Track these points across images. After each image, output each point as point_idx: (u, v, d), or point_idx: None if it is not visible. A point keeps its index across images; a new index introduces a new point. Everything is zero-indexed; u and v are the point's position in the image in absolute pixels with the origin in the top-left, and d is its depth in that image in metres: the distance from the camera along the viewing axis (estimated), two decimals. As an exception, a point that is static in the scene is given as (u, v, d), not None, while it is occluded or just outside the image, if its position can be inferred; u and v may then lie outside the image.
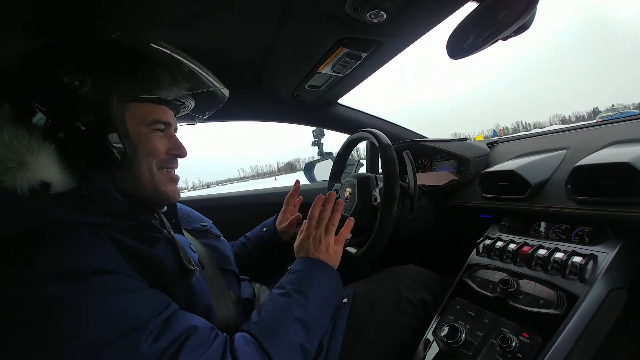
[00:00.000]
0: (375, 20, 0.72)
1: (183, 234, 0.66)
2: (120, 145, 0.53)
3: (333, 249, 0.69)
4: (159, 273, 0.50)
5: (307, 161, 1.88)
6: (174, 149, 0.62)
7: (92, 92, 0.51)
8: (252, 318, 0.57)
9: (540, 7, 0.59)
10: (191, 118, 0.79)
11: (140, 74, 0.58)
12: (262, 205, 1.51)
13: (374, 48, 0.85)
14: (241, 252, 0.96)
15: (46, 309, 0.39)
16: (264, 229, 0.98)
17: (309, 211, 0.73)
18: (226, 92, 0.75)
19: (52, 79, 0.50)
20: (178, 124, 0.69)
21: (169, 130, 0.63)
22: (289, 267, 0.69)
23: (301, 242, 0.71)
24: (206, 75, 0.67)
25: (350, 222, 0.75)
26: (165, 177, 0.61)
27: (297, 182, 1.04)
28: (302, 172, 1.91)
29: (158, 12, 0.72)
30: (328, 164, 1.51)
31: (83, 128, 0.51)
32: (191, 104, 0.71)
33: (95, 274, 0.42)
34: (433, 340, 0.67)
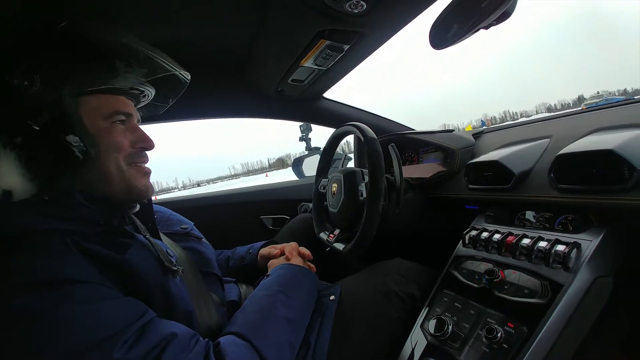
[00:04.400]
0: (355, 11, 0.71)
1: (160, 238, 0.63)
2: (81, 144, 0.50)
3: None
4: (133, 279, 0.48)
5: (297, 156, 1.87)
6: (139, 142, 0.58)
7: (43, 90, 0.48)
8: (236, 319, 0.57)
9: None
10: (154, 107, 0.74)
11: (89, 64, 0.54)
12: (248, 203, 1.49)
13: (355, 40, 0.84)
14: (222, 266, 0.93)
15: (16, 322, 0.37)
16: (250, 251, 0.94)
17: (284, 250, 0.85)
18: (187, 75, 0.70)
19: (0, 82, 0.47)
20: (142, 115, 0.66)
21: (130, 122, 0.58)
22: (267, 273, 0.70)
23: (278, 260, 0.81)
24: (162, 59, 0.63)
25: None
26: (136, 171, 0.58)
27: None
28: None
29: (135, 7, 0.70)
30: (316, 159, 1.50)
31: (39, 129, 0.48)
32: (151, 92, 0.66)
33: (65, 284, 0.40)
34: (421, 334, 0.67)
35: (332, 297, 0.73)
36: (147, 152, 0.61)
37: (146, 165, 0.61)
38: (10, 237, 0.42)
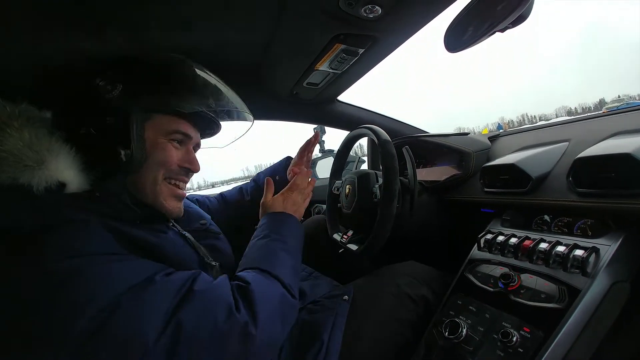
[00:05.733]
0: (370, 16, 0.72)
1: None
2: (128, 150, 0.55)
3: (299, 209, 0.79)
4: (161, 262, 0.51)
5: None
6: (186, 162, 0.64)
7: (119, 97, 0.55)
8: (241, 263, 0.62)
9: (542, -1, 0.58)
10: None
11: (167, 90, 0.61)
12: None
13: (370, 44, 0.85)
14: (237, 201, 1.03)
15: (59, 280, 0.40)
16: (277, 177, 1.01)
17: (295, 180, 0.82)
18: (250, 118, 0.79)
19: (87, 82, 0.55)
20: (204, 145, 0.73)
21: (186, 143, 0.64)
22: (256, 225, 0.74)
23: (274, 200, 0.79)
24: (230, 98, 0.71)
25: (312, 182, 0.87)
26: (168, 190, 0.62)
27: (317, 133, 1.08)
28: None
29: (154, 12, 0.73)
30: (330, 161, 1.51)
31: (101, 130, 0.54)
32: (217, 129, 0.74)
33: (99, 254, 0.44)
34: (434, 336, 0.66)
35: (345, 297, 0.74)
36: (191, 174, 0.67)
37: (183, 187, 0.66)
38: (54, 225, 0.45)
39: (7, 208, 0.45)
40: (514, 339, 0.55)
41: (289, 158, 1.08)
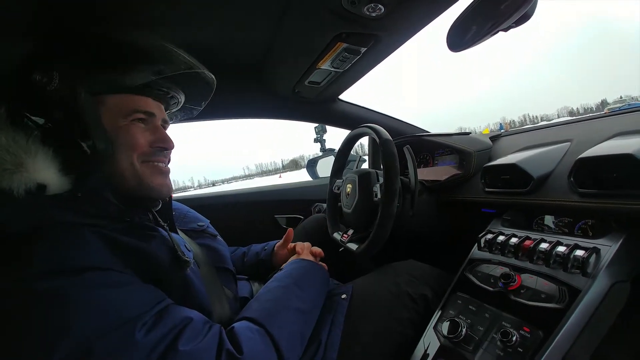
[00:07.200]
0: (373, 14, 0.72)
1: (178, 234, 0.65)
2: (90, 141, 0.51)
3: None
4: (155, 269, 0.50)
5: (312, 157, 1.88)
6: (158, 142, 0.59)
7: (60, 87, 0.50)
8: (251, 306, 0.59)
9: (545, -2, 0.58)
10: (189, 111, 0.77)
11: (107, 64, 0.55)
12: (263, 202, 1.51)
13: (372, 42, 0.85)
14: (237, 262, 0.95)
15: (41, 303, 0.39)
16: (265, 248, 0.96)
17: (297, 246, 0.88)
18: (210, 75, 0.70)
19: (24, 78, 0.50)
20: (179, 119, 0.70)
21: (152, 122, 0.60)
22: (281, 267, 0.72)
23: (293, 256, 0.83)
24: (180, 55, 0.61)
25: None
26: (150, 169, 0.58)
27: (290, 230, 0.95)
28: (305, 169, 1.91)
29: (157, 10, 0.73)
30: (330, 160, 1.51)
31: (58, 126, 0.51)
32: (179, 96, 0.67)
33: (88, 270, 0.42)
34: (434, 335, 0.67)
35: (343, 296, 0.74)
36: (168, 152, 0.62)
37: (164, 164, 0.62)
38: (37, 229, 0.44)
39: None
40: (514, 338, 0.55)
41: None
